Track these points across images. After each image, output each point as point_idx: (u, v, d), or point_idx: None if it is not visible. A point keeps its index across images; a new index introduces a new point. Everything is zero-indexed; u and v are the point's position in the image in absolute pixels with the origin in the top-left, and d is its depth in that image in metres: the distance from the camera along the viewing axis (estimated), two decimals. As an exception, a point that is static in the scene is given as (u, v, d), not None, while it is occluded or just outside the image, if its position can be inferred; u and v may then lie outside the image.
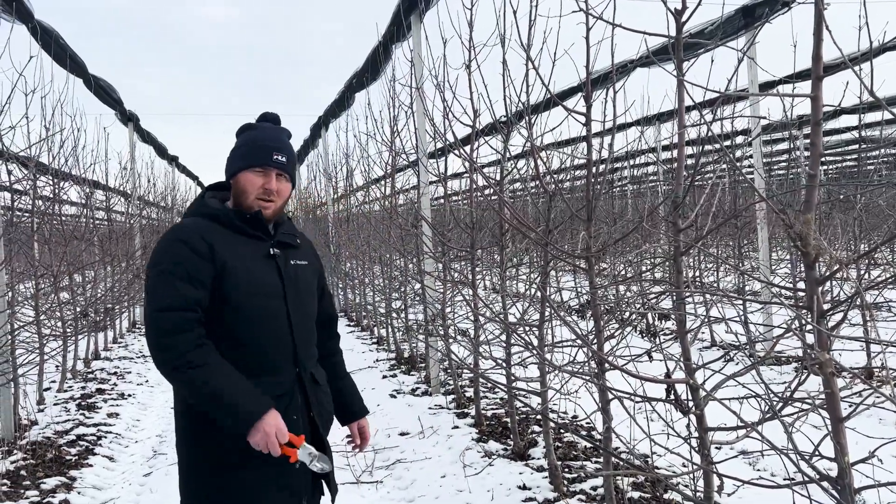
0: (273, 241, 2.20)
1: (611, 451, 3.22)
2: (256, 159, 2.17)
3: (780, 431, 2.22)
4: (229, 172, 2.23)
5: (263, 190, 2.17)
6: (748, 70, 6.80)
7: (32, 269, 7.13)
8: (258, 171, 2.17)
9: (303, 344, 2.18)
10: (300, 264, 2.27)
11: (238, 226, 2.15)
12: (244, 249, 2.12)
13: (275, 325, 2.11)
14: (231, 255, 2.07)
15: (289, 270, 2.20)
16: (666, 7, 2.43)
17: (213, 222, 2.14)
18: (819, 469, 2.08)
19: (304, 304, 2.22)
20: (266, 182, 2.17)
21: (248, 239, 2.15)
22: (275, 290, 2.13)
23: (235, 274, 2.05)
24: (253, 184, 2.17)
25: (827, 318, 2.09)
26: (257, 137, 2.21)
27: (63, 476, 4.67)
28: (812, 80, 2.00)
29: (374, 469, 4.71)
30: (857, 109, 8.58)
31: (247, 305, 2.06)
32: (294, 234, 2.31)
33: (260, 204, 2.17)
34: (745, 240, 8.99)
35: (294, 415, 2.11)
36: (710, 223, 2.84)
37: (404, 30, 6.72)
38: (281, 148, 2.20)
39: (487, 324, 5.16)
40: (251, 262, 2.11)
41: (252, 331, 2.07)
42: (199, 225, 2.12)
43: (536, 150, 3.58)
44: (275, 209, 2.20)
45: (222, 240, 2.09)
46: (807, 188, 2.06)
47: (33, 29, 6.35)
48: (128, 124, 11.64)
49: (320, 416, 2.22)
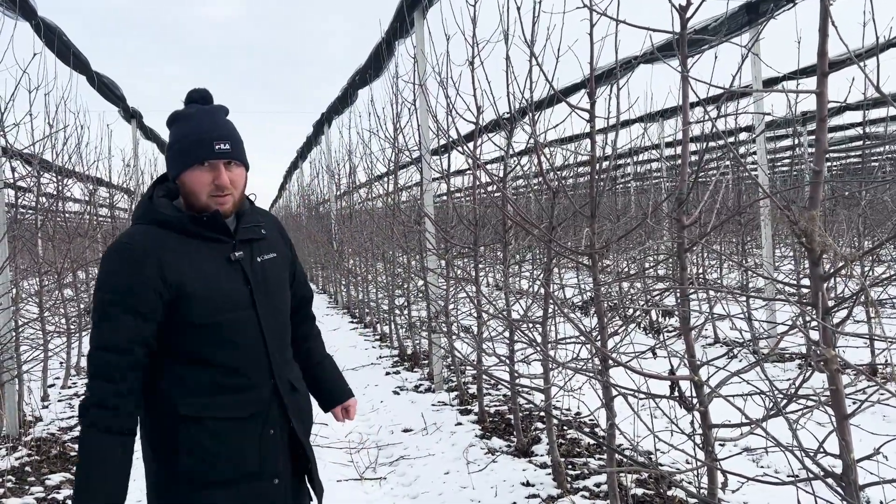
0: (235, 240, 1.97)
1: (614, 447, 3.22)
2: (198, 155, 1.90)
3: (785, 428, 2.21)
4: (173, 174, 1.97)
5: (215, 186, 1.91)
6: (752, 66, 6.78)
7: (36, 266, 7.15)
8: (203, 167, 1.91)
9: (278, 351, 2.00)
10: (268, 259, 2.05)
11: (194, 231, 1.91)
12: (203, 258, 1.90)
13: (246, 339, 1.92)
14: (187, 271, 1.86)
15: (256, 270, 1.99)
16: (670, 3, 2.42)
17: (165, 229, 1.90)
18: (823, 466, 2.08)
19: (275, 306, 2.02)
20: (216, 177, 1.91)
21: (206, 244, 1.92)
22: (242, 299, 1.93)
23: (194, 293, 1.84)
24: (201, 182, 1.91)
25: (831, 314, 2.09)
26: (193, 129, 1.93)
27: (68, 472, 4.69)
28: (817, 76, 1.99)
29: (377, 466, 4.71)
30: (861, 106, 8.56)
31: (212, 323, 1.86)
32: (257, 223, 2.06)
33: (215, 202, 1.92)
34: (748, 236, 8.98)
35: (271, 428, 1.96)
36: (713, 220, 2.83)
37: (407, 26, 6.71)
38: (221, 134, 1.92)
39: (491, 321, 5.16)
40: (212, 273, 1.90)
41: (221, 350, 1.88)
42: (149, 237, 1.88)
43: (540, 146, 3.57)
44: (234, 201, 1.96)
45: (176, 251, 1.87)
46: (811, 185, 2.05)
47: (37, 26, 6.36)
48: (131, 121, 11.65)
49: (301, 424, 2.05)
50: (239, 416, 1.90)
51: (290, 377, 2.06)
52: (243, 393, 1.91)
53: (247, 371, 1.92)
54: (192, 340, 1.87)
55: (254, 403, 1.93)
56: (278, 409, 1.98)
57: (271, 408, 1.96)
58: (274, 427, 1.96)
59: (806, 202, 2.06)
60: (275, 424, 1.97)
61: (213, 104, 2.04)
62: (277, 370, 1.98)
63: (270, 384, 1.97)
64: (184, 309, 1.84)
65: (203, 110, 1.99)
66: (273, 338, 1.98)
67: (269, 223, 2.14)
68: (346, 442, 5.22)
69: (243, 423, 1.91)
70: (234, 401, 1.90)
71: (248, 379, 1.92)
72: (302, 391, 2.12)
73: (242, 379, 1.91)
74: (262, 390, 1.95)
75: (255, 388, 1.93)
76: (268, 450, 1.94)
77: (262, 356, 1.95)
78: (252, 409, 1.92)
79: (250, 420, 1.92)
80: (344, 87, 10.57)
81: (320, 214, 16.08)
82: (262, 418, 1.94)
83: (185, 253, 1.89)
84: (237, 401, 1.91)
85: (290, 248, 2.22)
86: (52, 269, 7.36)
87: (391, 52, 7.55)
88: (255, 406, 1.93)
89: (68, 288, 8.26)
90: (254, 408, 1.92)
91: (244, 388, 1.92)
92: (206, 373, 1.88)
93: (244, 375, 1.91)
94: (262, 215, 2.14)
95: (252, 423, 1.92)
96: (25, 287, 8.06)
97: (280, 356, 2.01)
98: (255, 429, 1.92)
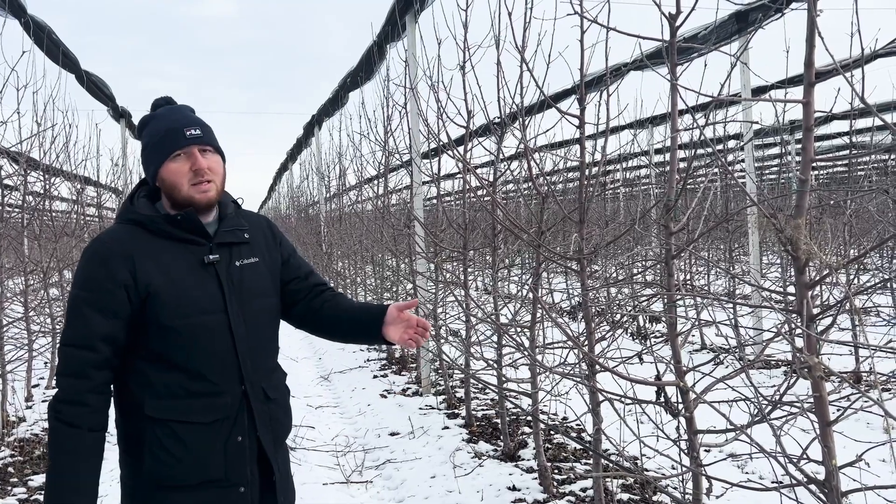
0: (212, 243, 1.93)
1: (600, 452, 3.23)
2: (170, 145, 1.90)
3: (769, 434, 2.23)
4: (150, 176, 1.95)
5: (193, 173, 1.89)
6: (741, 75, 6.83)
7: (22, 265, 7.09)
8: (178, 157, 1.89)
9: (251, 358, 1.95)
10: (248, 263, 2.00)
11: (168, 232, 1.89)
12: (175, 259, 1.88)
13: (213, 344, 1.88)
14: (157, 272, 1.85)
15: (232, 275, 1.94)
16: (660, 11, 2.44)
17: (140, 229, 1.90)
18: (807, 472, 2.10)
19: (251, 313, 1.96)
20: (193, 163, 1.89)
21: (181, 245, 1.90)
22: (212, 303, 1.89)
23: (162, 294, 1.83)
24: (179, 172, 1.89)
25: (816, 322, 2.11)
26: (160, 125, 1.93)
27: (24, 487, 4.65)
28: (804, 86, 2.01)
29: (363, 469, 4.70)
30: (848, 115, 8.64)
31: (177, 327, 1.84)
32: (240, 227, 2.02)
33: (197, 190, 1.90)
34: (736, 243, 9.04)
35: (239, 436, 1.91)
36: (701, 227, 2.85)
37: (399, 30, 6.72)
38: (190, 122, 1.93)
39: (479, 324, 5.16)
40: (183, 275, 1.87)
41: (186, 353, 1.85)
42: (123, 237, 1.88)
43: (530, 151, 3.59)
44: (217, 189, 1.94)
45: (149, 252, 1.86)
46: (797, 193, 2.07)
47: (26, 24, 6.32)
48: (120, 120, 11.59)
49: (267, 433, 1.98)
50: (204, 421, 1.88)
51: (265, 385, 2.00)
52: (209, 398, 1.88)
53: (214, 376, 1.89)
54: (159, 342, 1.86)
55: (220, 409, 1.89)
56: (247, 416, 1.94)
57: (239, 415, 1.92)
58: (242, 435, 1.92)
59: (792, 210, 2.08)
60: (242, 432, 1.92)
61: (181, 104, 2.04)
62: (248, 377, 1.94)
63: (239, 391, 1.92)
64: (152, 310, 1.84)
65: (169, 108, 2.00)
66: (245, 344, 1.94)
67: (256, 227, 2.11)
68: (333, 445, 5.21)
69: (209, 428, 1.88)
70: (199, 405, 1.87)
71: (214, 384, 1.89)
72: (278, 401, 2.05)
73: (209, 384, 1.88)
74: (229, 397, 1.91)
75: (222, 394, 1.90)
76: (234, 457, 1.91)
77: (231, 362, 1.91)
78: (218, 414, 1.89)
79: (216, 426, 1.89)
80: (335, 89, 10.57)
81: (310, 216, 16.04)
82: (228, 425, 1.90)
83: (158, 254, 1.88)
84: (203, 405, 1.88)
85: (281, 248, 2.16)
86: (37, 269, 7.30)
87: (383, 56, 7.55)
88: (221, 412, 1.90)
89: (54, 287, 8.20)
90: (220, 414, 1.89)
91: (211, 394, 1.89)
92: (172, 375, 1.86)
93: (211, 380, 1.88)
94: (249, 219, 2.10)
95: (218, 429, 1.89)
96: (10, 286, 8.00)
97: (253, 363, 1.96)
98: (220, 435, 1.89)
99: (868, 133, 9.97)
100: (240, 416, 1.92)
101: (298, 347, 9.81)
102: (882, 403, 1.90)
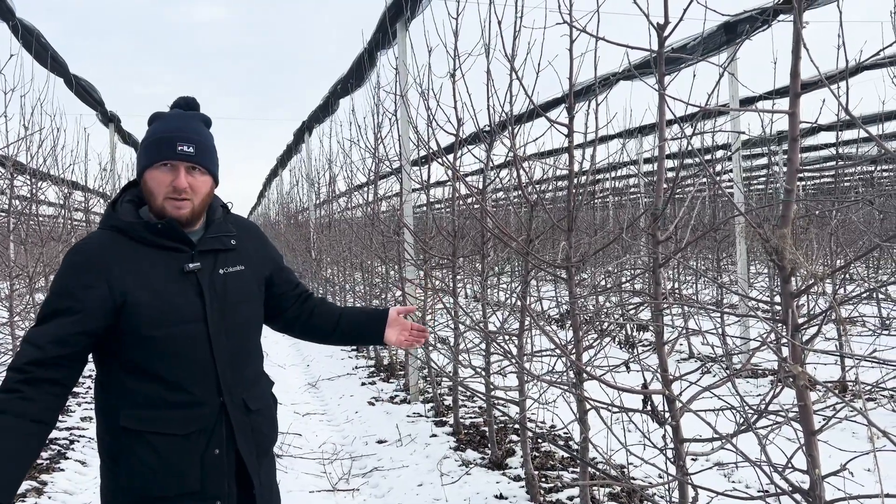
0: (194, 251, 1.90)
1: (587, 461, 3.23)
2: (159, 153, 1.85)
3: (755, 443, 2.24)
4: (137, 171, 1.93)
5: (172, 188, 1.85)
6: (729, 85, 6.88)
7: (7, 270, 7.03)
8: (163, 167, 1.86)
9: (230, 368, 1.91)
10: (232, 271, 1.96)
11: (149, 239, 1.86)
12: (154, 267, 1.85)
13: (190, 354, 1.84)
14: (135, 280, 1.81)
15: (215, 283, 1.91)
16: (648, 21, 2.46)
17: (121, 236, 1.86)
18: (792, 481, 2.11)
19: (234, 322, 1.93)
20: (174, 178, 1.84)
21: (161, 252, 1.86)
22: (191, 312, 1.85)
23: (139, 302, 1.80)
24: (160, 182, 1.86)
25: (801, 331, 2.12)
26: (161, 129, 1.89)
27: (34, 480, 4.59)
28: (790, 96, 2.03)
29: (350, 477, 4.68)
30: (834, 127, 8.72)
31: (156, 336, 1.81)
32: (227, 233, 1.99)
33: (172, 205, 1.86)
34: (723, 253, 9.09)
35: (216, 448, 1.88)
36: (688, 236, 2.87)
37: (390, 37, 6.73)
38: (188, 137, 1.87)
39: (468, 332, 5.16)
40: (161, 284, 1.83)
41: (164, 363, 1.82)
42: (103, 243, 1.85)
43: (519, 159, 3.60)
44: (192, 209, 1.88)
45: (128, 259, 1.83)
46: (783, 203, 2.09)
47: (14, 27, 6.29)
48: (109, 125, 11.53)
49: (248, 445, 1.95)
50: (181, 433, 1.85)
51: (246, 396, 1.96)
52: (186, 409, 1.85)
53: (191, 387, 1.86)
54: (136, 351, 1.83)
55: (197, 421, 1.86)
56: (225, 428, 1.90)
57: (217, 427, 1.89)
58: (220, 447, 1.89)
59: (778, 220, 2.10)
60: (220, 444, 1.89)
61: (194, 111, 1.99)
62: (227, 388, 1.90)
63: (218, 402, 1.89)
64: (128, 318, 1.80)
65: (179, 113, 1.96)
66: (225, 354, 1.90)
67: (245, 233, 2.08)
68: (320, 452, 5.18)
69: (185, 440, 1.85)
70: (176, 416, 1.85)
71: (192, 395, 1.86)
72: (261, 412, 2.02)
73: (186, 395, 1.85)
74: (206, 408, 1.88)
75: (199, 406, 1.87)
76: (211, 470, 1.87)
77: (209, 373, 1.87)
78: (195, 426, 1.86)
79: (193, 437, 1.86)
80: (325, 95, 10.56)
81: (299, 223, 16.00)
82: (206, 437, 1.87)
83: (137, 261, 1.84)
84: (180, 417, 1.85)
85: (269, 258, 2.14)
86: (23, 273, 7.24)
87: (373, 63, 7.56)
88: (198, 423, 1.86)
89: (40, 293, 8.12)
90: (197, 425, 1.86)
91: (187, 405, 1.85)
92: (149, 385, 1.83)
93: (188, 391, 1.85)
94: (238, 225, 2.07)
95: (195, 440, 1.86)
96: (-5, 291, 7.92)
97: (233, 374, 1.92)
98: (197, 447, 1.86)
99: (854, 144, 10.06)
100: (217, 427, 1.89)
101: (286, 354, 9.77)
102: (866, 413, 1.91)
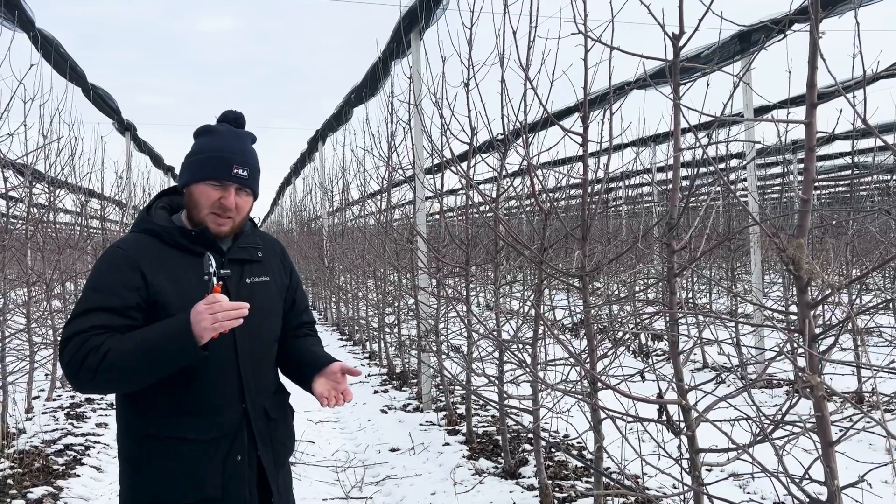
0: (224, 258, 1.94)
1: (601, 470, 3.22)
2: (214, 172, 1.91)
3: (771, 454, 2.22)
4: (182, 181, 1.97)
5: (220, 205, 1.91)
6: (743, 94, 6.87)
7: (25, 277, 7.10)
8: (215, 185, 1.91)
9: (253, 375, 1.94)
10: (258, 281, 2.01)
11: (181, 244, 1.91)
12: (186, 272, 1.88)
13: (217, 361, 1.86)
14: (166, 282, 1.85)
15: (241, 291, 1.95)
16: (663, 31, 2.46)
17: (154, 240, 1.91)
18: (809, 493, 2.09)
19: (257, 330, 1.96)
20: (224, 197, 1.91)
21: (193, 258, 1.89)
22: None
23: (169, 304, 1.83)
24: (208, 197, 1.92)
25: (818, 341, 2.11)
26: (217, 147, 1.94)
27: (50, 486, 4.63)
28: (806, 106, 2.02)
29: (363, 485, 4.68)
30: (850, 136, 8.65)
31: None
32: (255, 245, 2.05)
33: (214, 220, 1.92)
34: (738, 262, 9.04)
35: (238, 455, 1.90)
36: (703, 245, 2.86)
37: (404, 47, 6.77)
38: (244, 160, 1.94)
39: (481, 340, 5.16)
40: (191, 288, 1.85)
41: (188, 369, 1.82)
42: (138, 246, 1.90)
43: (533, 168, 3.60)
44: (232, 226, 1.96)
45: (160, 261, 1.88)
46: (799, 213, 2.08)
47: (34, 37, 6.38)
48: (125, 133, 11.65)
49: (267, 454, 1.97)
50: (202, 439, 1.86)
51: (267, 404, 1.99)
52: (209, 416, 1.88)
53: (215, 393, 1.88)
54: None
55: (219, 427, 1.89)
56: (247, 435, 1.92)
57: (239, 434, 1.91)
58: (241, 453, 1.91)
59: (794, 230, 2.09)
60: (242, 451, 1.91)
61: (244, 130, 2.04)
62: (250, 395, 1.93)
63: (240, 409, 1.92)
64: (157, 318, 1.82)
65: (233, 132, 2.00)
66: (249, 362, 1.94)
67: (269, 247, 2.13)
68: (333, 460, 5.18)
69: (206, 446, 1.87)
70: (198, 423, 1.86)
71: (215, 401, 1.88)
72: (280, 420, 2.05)
73: (209, 401, 1.88)
74: (229, 414, 1.90)
75: (222, 412, 1.89)
76: (232, 476, 1.89)
77: (233, 379, 1.90)
78: (217, 432, 1.88)
79: (214, 444, 1.87)
80: (339, 104, 10.62)
81: (312, 231, 16.07)
82: (227, 443, 1.89)
83: (169, 264, 1.89)
84: (202, 423, 1.87)
85: (290, 276, 2.17)
86: (40, 280, 7.31)
87: (387, 72, 7.60)
88: (220, 430, 1.89)
89: (57, 299, 8.20)
90: (219, 431, 1.88)
91: (210, 411, 1.88)
92: (173, 392, 1.85)
93: (212, 397, 1.88)
94: (264, 239, 2.13)
95: (216, 447, 1.87)
96: (13, 298, 8.01)
97: (255, 381, 1.95)
98: (219, 453, 1.87)
99: (870, 153, 9.99)
100: (239, 434, 1.91)
101: (299, 362, 9.78)
102: (884, 424, 1.90)
